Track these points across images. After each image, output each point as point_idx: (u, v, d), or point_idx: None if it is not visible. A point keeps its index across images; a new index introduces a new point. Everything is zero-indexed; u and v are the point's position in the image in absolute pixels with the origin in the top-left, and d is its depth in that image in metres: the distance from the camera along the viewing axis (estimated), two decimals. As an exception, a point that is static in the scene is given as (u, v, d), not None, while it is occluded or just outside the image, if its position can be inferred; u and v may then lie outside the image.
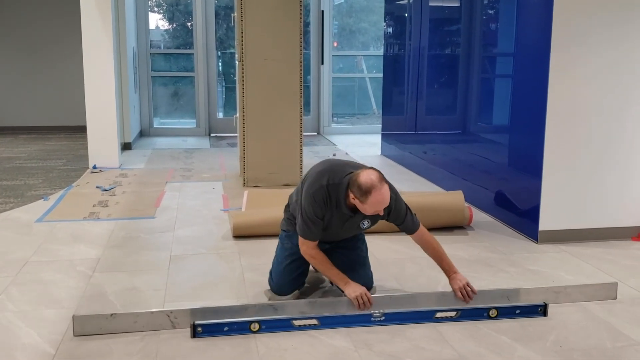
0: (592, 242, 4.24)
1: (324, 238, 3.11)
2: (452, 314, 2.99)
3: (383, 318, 2.93)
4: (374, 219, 3.08)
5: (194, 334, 2.75)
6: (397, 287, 3.40)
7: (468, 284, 3.04)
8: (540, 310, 3.04)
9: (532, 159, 4.31)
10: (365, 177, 2.83)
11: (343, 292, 3.00)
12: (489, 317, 2.99)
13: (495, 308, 3.01)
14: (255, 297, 3.24)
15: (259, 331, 2.81)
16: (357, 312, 2.93)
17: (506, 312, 3.02)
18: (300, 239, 3.04)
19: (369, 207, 2.85)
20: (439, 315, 2.98)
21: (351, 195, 2.88)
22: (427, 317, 2.96)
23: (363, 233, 3.31)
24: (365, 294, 2.95)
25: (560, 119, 4.12)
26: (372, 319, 2.93)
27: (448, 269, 3.12)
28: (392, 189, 2.98)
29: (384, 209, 2.94)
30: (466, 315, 2.99)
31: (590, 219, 4.30)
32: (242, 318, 2.82)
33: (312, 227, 2.97)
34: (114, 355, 2.60)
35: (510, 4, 4.94)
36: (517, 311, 3.03)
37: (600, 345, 2.76)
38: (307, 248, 3.03)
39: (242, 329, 2.81)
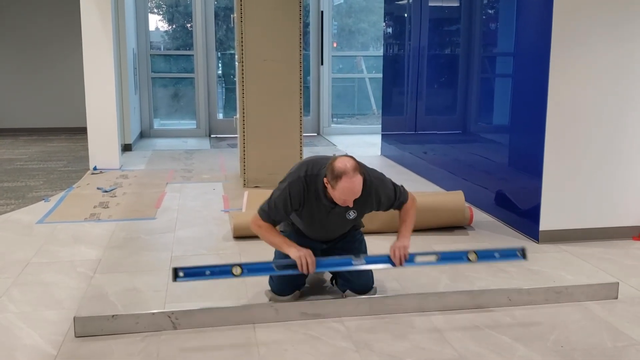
0: (592, 242, 4.24)
1: (317, 235, 3.12)
2: (433, 258, 3.00)
3: (364, 262, 2.98)
4: (360, 209, 3.02)
5: (175, 277, 2.79)
6: (397, 287, 3.40)
7: (405, 248, 2.96)
8: (519, 253, 3.04)
9: (533, 159, 4.31)
10: (340, 162, 2.79)
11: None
12: (469, 261, 3.00)
13: (475, 252, 3.02)
14: (256, 297, 3.24)
15: (241, 275, 2.85)
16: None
17: (486, 256, 3.03)
18: (255, 216, 3.02)
19: (338, 193, 2.77)
20: (418, 259, 3.01)
21: (325, 180, 2.83)
22: (407, 261, 2.98)
23: (361, 233, 3.32)
24: (310, 256, 2.88)
25: (560, 119, 4.12)
26: (352, 263, 2.97)
27: (402, 233, 3.05)
28: (376, 175, 2.99)
29: (372, 200, 2.95)
30: (445, 258, 3.01)
31: (591, 219, 4.30)
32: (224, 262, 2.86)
33: (273, 214, 2.97)
34: (115, 356, 2.60)
35: (510, 3, 4.94)
36: (497, 254, 3.03)
37: (601, 345, 2.76)
38: (257, 221, 3.01)
39: (223, 272, 2.86)
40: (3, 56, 9.78)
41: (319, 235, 3.16)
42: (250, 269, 2.88)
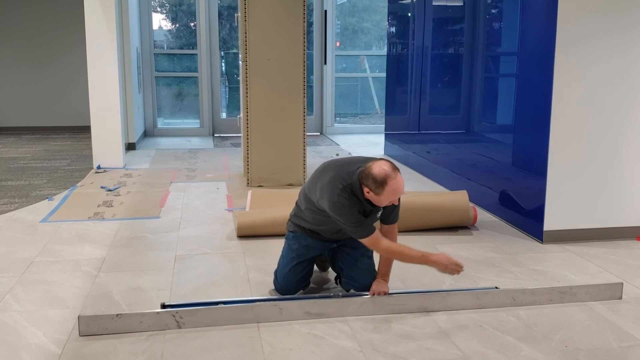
0: (597, 242, 4.24)
1: (333, 234, 3.11)
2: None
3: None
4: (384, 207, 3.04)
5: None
6: (401, 287, 3.39)
7: (385, 294, 3.05)
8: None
9: (537, 159, 4.30)
10: (378, 168, 2.80)
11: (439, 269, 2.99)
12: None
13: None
14: (260, 296, 3.24)
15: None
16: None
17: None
18: (365, 241, 2.94)
19: (385, 197, 2.81)
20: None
21: (365, 190, 2.84)
22: None
23: None
24: (458, 263, 2.93)
25: (565, 119, 4.11)
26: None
27: (383, 272, 3.12)
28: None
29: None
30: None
31: (595, 219, 4.29)
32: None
33: (362, 222, 2.89)
34: (119, 355, 2.60)
35: (515, 3, 4.93)
36: None
37: (605, 345, 2.76)
38: (374, 243, 2.94)
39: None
40: (7, 55, 9.80)
41: (336, 236, 3.16)
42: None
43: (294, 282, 3.18)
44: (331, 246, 3.21)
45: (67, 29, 9.61)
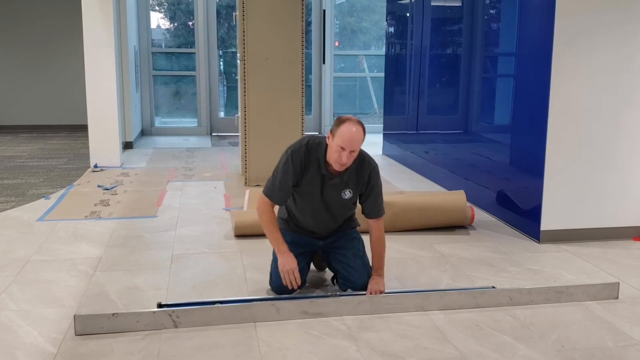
0: (593, 242, 4.24)
1: (312, 222, 3.15)
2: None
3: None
4: (355, 187, 3.07)
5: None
6: (398, 286, 3.39)
7: (382, 292, 3.08)
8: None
9: (534, 159, 4.30)
10: (346, 115, 2.96)
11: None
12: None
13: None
14: (257, 296, 3.23)
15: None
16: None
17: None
18: (261, 196, 3.07)
19: (337, 137, 2.86)
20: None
21: (327, 136, 2.95)
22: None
23: (358, 232, 3.32)
24: (294, 272, 3.01)
25: (562, 119, 4.11)
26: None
27: (377, 267, 3.17)
28: (375, 168, 3.10)
29: (364, 178, 3.03)
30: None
31: (592, 219, 4.29)
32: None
33: (278, 186, 3.02)
34: (115, 355, 2.60)
35: (512, 3, 4.94)
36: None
37: (601, 344, 2.76)
38: (263, 204, 3.07)
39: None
40: (4, 53, 9.78)
41: (314, 222, 3.17)
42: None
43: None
44: (318, 244, 3.23)
45: (65, 28, 9.59)
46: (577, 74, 4.09)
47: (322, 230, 3.22)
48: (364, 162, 3.07)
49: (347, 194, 3.08)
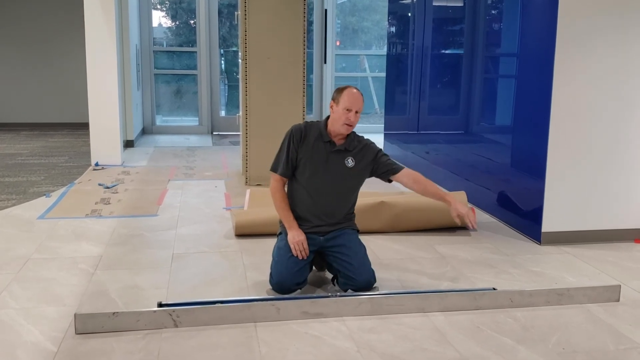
0: (595, 244, 4.24)
1: (316, 201, 3.23)
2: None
3: None
4: (359, 157, 3.25)
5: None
6: (399, 287, 3.39)
7: (471, 212, 3.30)
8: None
9: (536, 160, 4.30)
10: (343, 85, 3.28)
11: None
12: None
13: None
14: (257, 295, 3.23)
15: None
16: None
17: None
18: (271, 175, 3.31)
19: (342, 101, 3.16)
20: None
21: (330, 106, 3.23)
22: None
23: (357, 233, 3.34)
24: (302, 243, 3.18)
25: (564, 120, 4.11)
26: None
27: (443, 196, 3.37)
28: (370, 141, 3.35)
29: (367, 147, 3.28)
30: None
31: (593, 221, 4.29)
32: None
33: (283, 158, 3.25)
34: (115, 354, 2.59)
35: (515, 4, 4.93)
36: None
37: (602, 347, 2.75)
38: (274, 182, 3.29)
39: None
40: (5, 50, 9.78)
41: (317, 203, 3.23)
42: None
43: (287, 276, 3.17)
44: (318, 240, 3.24)
45: (67, 26, 9.59)
46: (580, 75, 4.09)
47: (325, 214, 3.25)
48: (358, 136, 3.34)
49: (350, 162, 3.25)
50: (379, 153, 3.32)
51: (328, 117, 3.29)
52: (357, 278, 3.17)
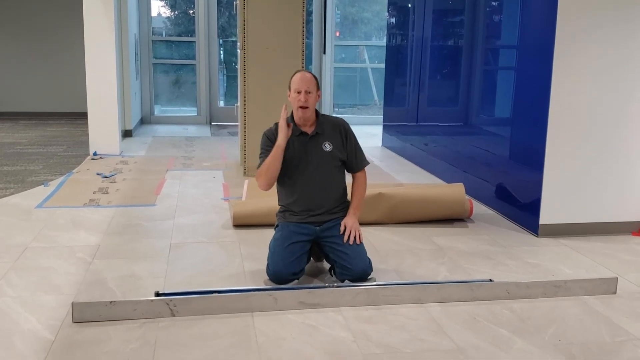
0: (592, 237, 4.24)
1: (305, 187, 3.28)
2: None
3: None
4: (332, 139, 3.30)
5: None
6: (396, 278, 3.40)
7: (357, 231, 3.26)
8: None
9: (534, 153, 4.30)
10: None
11: None
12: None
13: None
14: (255, 285, 3.24)
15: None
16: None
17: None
18: (257, 173, 3.37)
19: (292, 86, 3.25)
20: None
21: (287, 94, 3.31)
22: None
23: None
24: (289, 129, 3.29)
25: (562, 113, 4.10)
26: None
27: (354, 206, 3.36)
28: (346, 122, 3.41)
29: (336, 127, 3.33)
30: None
31: (591, 214, 4.29)
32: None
33: (264, 154, 3.36)
34: (112, 342, 2.60)
35: (515, -4, 4.91)
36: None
37: (599, 339, 2.76)
38: (256, 175, 3.37)
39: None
40: (4, 40, 9.74)
41: (308, 193, 3.27)
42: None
43: (283, 266, 3.17)
44: (314, 230, 3.27)
45: (66, 15, 9.55)
46: (579, 68, 4.08)
47: (317, 204, 3.28)
48: (334, 119, 3.41)
49: (328, 146, 3.30)
50: (348, 142, 3.35)
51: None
52: (352, 268, 3.18)
